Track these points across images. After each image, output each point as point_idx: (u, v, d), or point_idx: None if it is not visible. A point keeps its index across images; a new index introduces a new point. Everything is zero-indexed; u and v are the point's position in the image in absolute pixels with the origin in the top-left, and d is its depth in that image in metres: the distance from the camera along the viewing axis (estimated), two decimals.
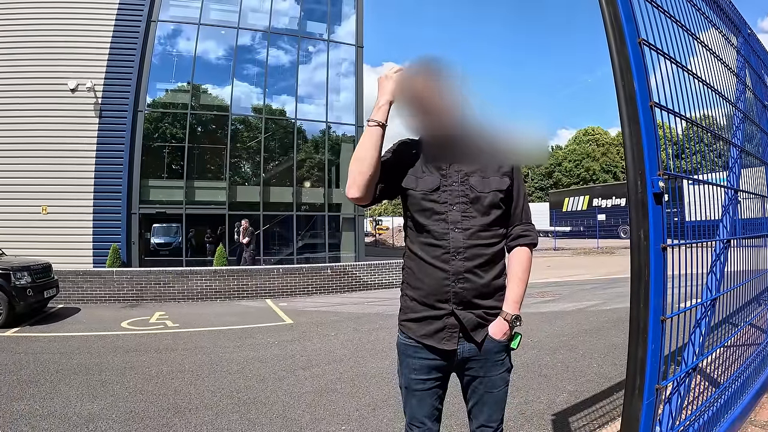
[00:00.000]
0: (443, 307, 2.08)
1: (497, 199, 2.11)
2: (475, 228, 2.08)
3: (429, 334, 2.11)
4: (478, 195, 2.09)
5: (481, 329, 2.10)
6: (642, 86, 1.74)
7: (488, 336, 2.10)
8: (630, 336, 1.79)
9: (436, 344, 2.10)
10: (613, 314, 9.21)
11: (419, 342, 2.14)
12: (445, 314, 2.09)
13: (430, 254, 2.10)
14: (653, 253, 1.72)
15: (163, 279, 13.16)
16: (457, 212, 2.08)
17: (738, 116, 3.30)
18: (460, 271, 2.05)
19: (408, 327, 2.18)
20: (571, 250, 30.68)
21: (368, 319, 9.94)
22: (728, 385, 3.03)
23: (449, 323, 2.09)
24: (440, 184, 2.11)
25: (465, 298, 2.06)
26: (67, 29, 16.91)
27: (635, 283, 1.76)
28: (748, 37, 3.53)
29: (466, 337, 2.10)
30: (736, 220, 3.03)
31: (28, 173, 15.95)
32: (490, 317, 2.11)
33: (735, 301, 3.18)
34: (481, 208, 2.09)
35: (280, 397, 5.19)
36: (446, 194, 2.10)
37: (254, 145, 20.23)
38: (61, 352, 7.22)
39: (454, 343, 2.10)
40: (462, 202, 2.09)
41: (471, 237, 2.07)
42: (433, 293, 2.09)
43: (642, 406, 1.75)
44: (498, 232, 2.14)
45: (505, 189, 2.12)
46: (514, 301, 2.12)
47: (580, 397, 4.93)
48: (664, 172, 1.74)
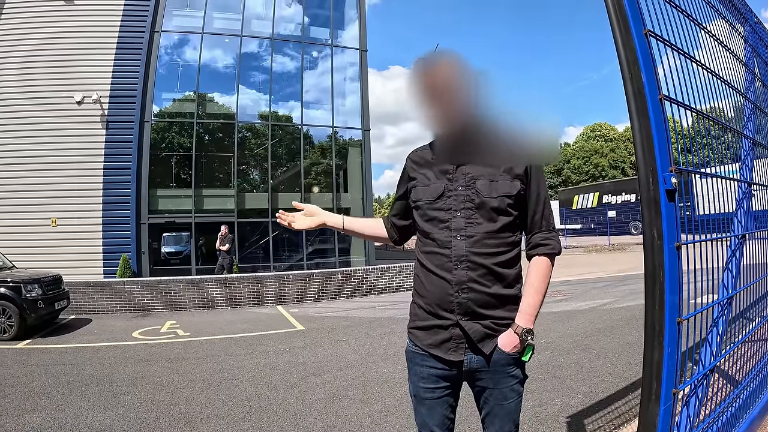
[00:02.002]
0: (448, 317, 1.99)
1: (505, 204, 1.97)
2: (480, 235, 1.96)
3: (436, 344, 2.03)
4: (483, 200, 1.97)
5: (489, 340, 1.99)
6: (650, 79, 1.68)
7: (497, 347, 1.98)
8: (645, 339, 1.72)
9: (443, 355, 2.02)
10: (627, 312, 9.10)
11: (426, 351, 2.07)
12: (450, 324, 1.99)
13: (434, 263, 2.01)
14: (667, 252, 1.66)
15: (174, 288, 13.18)
16: (462, 218, 1.99)
17: (748, 107, 3.24)
18: (464, 281, 1.95)
19: (415, 335, 2.11)
20: (582, 247, 30.53)
21: (380, 324, 9.90)
22: (747, 384, 2.96)
23: (455, 334, 1.99)
24: (445, 190, 2.03)
25: (470, 308, 1.96)
26: (72, 43, 17.08)
27: (649, 284, 1.69)
28: (755, 26, 3.45)
29: (473, 348, 1.99)
30: (750, 213, 2.96)
31: (37, 186, 16.10)
32: (499, 327, 1.99)
33: (751, 296, 3.10)
34: (487, 214, 1.97)
35: (292, 405, 5.15)
36: (451, 200, 2.01)
37: (261, 152, 20.29)
38: (72, 363, 7.22)
39: (460, 354, 2.00)
40: (467, 208, 1.99)
41: (475, 245, 1.96)
42: (437, 302, 2.00)
43: (659, 411, 1.69)
44: (508, 239, 2.01)
45: (514, 194, 1.98)
46: (528, 312, 1.98)
47: (595, 399, 4.85)
48: (677, 168, 1.68)
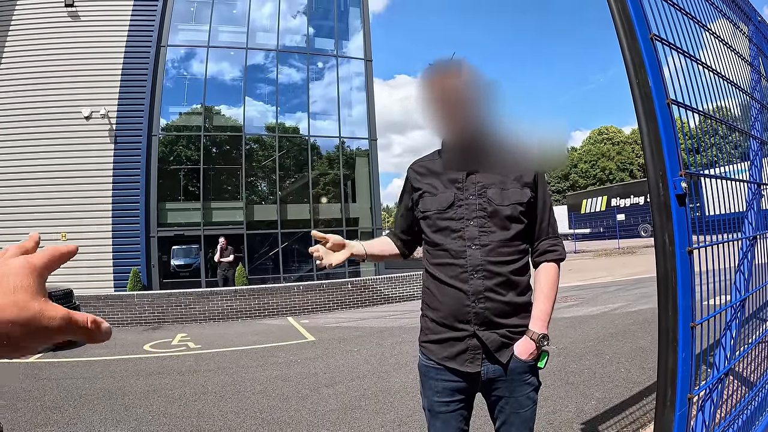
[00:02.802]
0: (464, 329, 1.98)
1: (517, 212, 1.99)
2: (494, 244, 1.96)
3: (451, 356, 2.01)
4: (496, 208, 1.98)
5: (505, 349, 1.99)
6: (657, 82, 1.67)
7: (513, 356, 1.98)
8: (659, 345, 1.71)
9: (459, 367, 2.00)
10: (639, 316, 9.04)
11: (441, 364, 2.04)
12: (466, 336, 1.98)
13: (447, 274, 2.00)
14: (679, 257, 1.65)
15: (184, 300, 13.21)
16: (475, 227, 1.98)
17: (755, 107, 3.22)
18: (480, 290, 1.94)
19: (429, 349, 2.09)
20: (592, 252, 30.40)
21: (391, 333, 9.88)
22: (762, 386, 2.93)
23: (471, 345, 1.98)
24: (455, 199, 2.03)
25: (487, 318, 1.95)
26: (79, 58, 17.25)
27: (662, 290, 1.68)
28: (759, 25, 3.44)
29: (490, 358, 1.99)
30: (761, 214, 2.94)
31: (47, 200, 16.25)
32: (515, 336, 2.00)
33: (764, 295, 3.08)
34: (500, 223, 1.98)
35: (305, 416, 5.14)
36: (462, 209, 2.01)
37: (269, 164, 20.37)
38: (83, 377, 7.24)
39: (477, 365, 1.99)
40: (480, 217, 1.99)
41: (490, 254, 1.96)
42: (453, 314, 1.99)
43: (674, 417, 1.67)
44: (519, 247, 2.02)
45: (525, 201, 2.01)
46: (541, 319, 2.00)
47: (609, 404, 4.81)
48: (686, 172, 1.67)
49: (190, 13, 19.83)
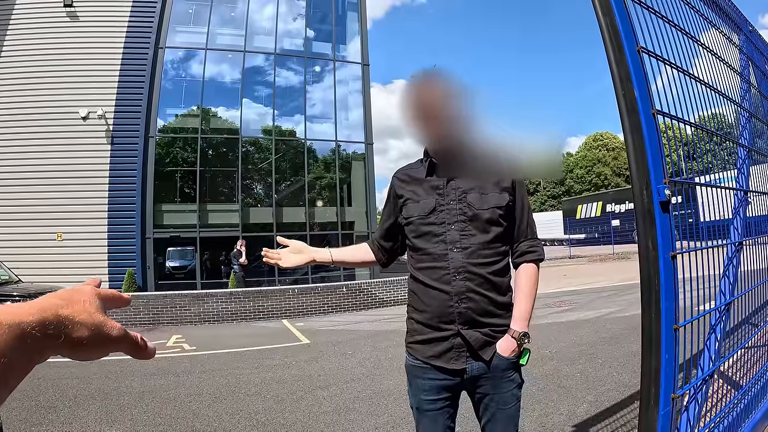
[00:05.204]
0: (449, 328, 2.05)
1: (496, 215, 2.06)
2: (475, 246, 2.04)
3: (436, 355, 2.09)
4: (476, 212, 2.05)
5: (488, 347, 2.06)
6: (643, 95, 1.72)
7: (496, 353, 2.06)
8: (643, 346, 1.75)
9: (444, 364, 2.08)
10: (632, 321, 9.10)
11: (427, 363, 2.12)
12: (451, 335, 2.05)
13: (431, 277, 2.07)
14: (662, 261, 1.71)
15: (179, 302, 13.20)
16: (456, 231, 2.05)
17: (744, 115, 3.28)
18: (463, 291, 2.01)
19: (415, 349, 2.17)
20: (587, 257, 30.42)
21: (385, 336, 9.90)
22: (748, 389, 2.98)
23: (456, 343, 2.06)
24: (436, 205, 2.10)
25: (470, 317, 2.03)
26: (77, 59, 17.25)
27: (645, 293, 1.73)
28: (749, 35, 3.50)
29: (474, 355, 2.06)
30: (747, 220, 2.99)
31: (43, 201, 16.23)
32: (497, 334, 2.07)
33: (752, 302, 3.13)
34: (480, 226, 2.05)
35: (299, 418, 5.17)
36: (444, 214, 2.08)
37: (265, 167, 20.39)
38: (78, 377, 7.24)
39: (462, 362, 2.06)
40: (460, 221, 2.06)
41: (471, 256, 2.03)
42: (437, 315, 2.06)
43: (658, 416, 1.72)
44: (499, 249, 2.10)
45: (504, 205, 2.08)
46: (522, 318, 2.08)
47: (601, 407, 4.87)
48: (670, 180, 1.73)
49: (189, 15, 19.87)
